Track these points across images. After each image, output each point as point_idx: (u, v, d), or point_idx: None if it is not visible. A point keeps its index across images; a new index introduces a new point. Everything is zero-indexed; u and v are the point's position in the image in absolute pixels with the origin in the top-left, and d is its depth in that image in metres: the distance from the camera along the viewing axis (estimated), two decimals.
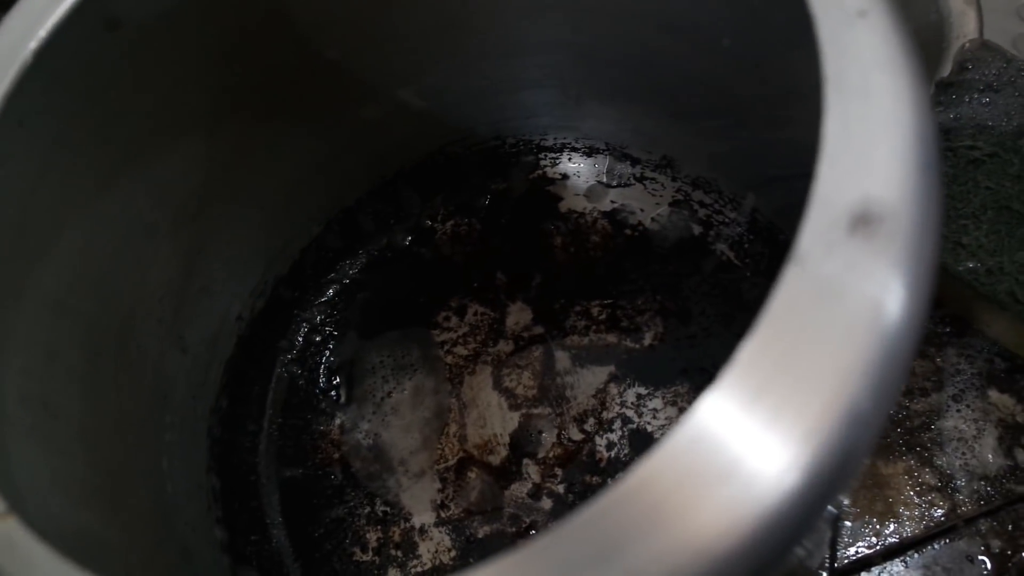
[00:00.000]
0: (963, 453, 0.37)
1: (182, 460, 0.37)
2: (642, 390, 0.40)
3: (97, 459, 0.30)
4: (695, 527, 0.18)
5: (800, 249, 0.20)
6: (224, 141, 0.36)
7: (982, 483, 0.37)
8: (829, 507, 0.20)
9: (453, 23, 0.37)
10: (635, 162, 0.43)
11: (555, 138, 0.43)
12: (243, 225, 0.39)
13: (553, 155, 0.44)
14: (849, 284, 0.19)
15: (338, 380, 0.42)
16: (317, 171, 0.41)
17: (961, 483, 0.37)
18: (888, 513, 0.37)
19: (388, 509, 0.40)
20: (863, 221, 0.19)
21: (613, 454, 0.39)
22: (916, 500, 0.37)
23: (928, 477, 0.37)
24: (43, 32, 0.27)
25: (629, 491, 0.19)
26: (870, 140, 0.20)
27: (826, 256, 0.19)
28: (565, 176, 0.44)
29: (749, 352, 0.19)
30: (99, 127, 0.31)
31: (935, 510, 0.37)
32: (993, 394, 0.38)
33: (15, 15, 0.27)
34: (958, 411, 0.38)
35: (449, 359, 0.42)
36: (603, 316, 0.41)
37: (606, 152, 0.43)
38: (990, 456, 0.37)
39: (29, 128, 0.27)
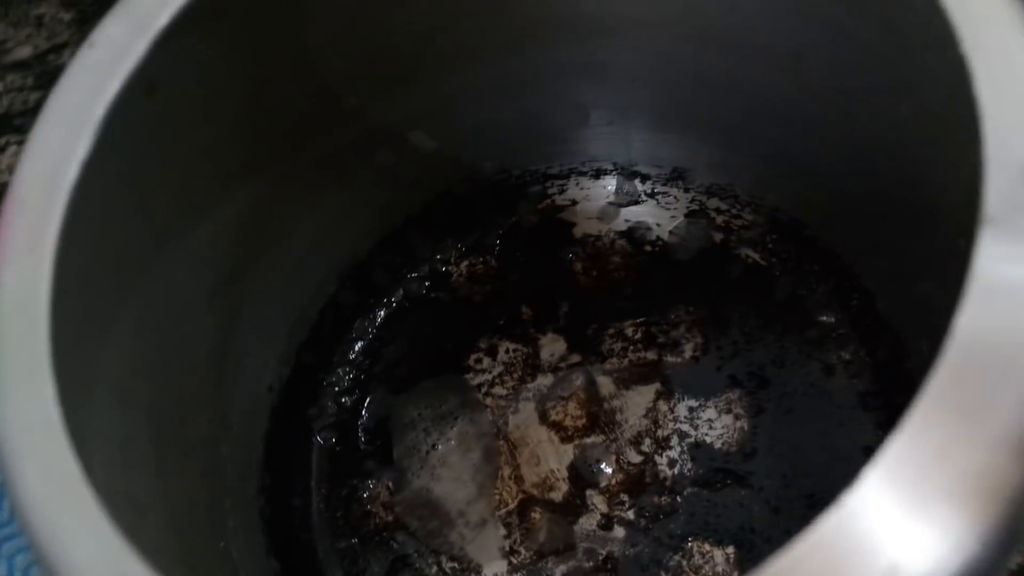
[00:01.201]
0: None
1: (246, 545, 0.34)
2: (693, 403, 0.39)
3: (184, 554, 0.28)
4: None
5: (988, 211, 0.20)
6: (249, 203, 0.34)
7: None
8: None
9: (467, 58, 0.36)
10: (644, 178, 0.43)
11: (561, 165, 0.43)
12: (266, 290, 0.37)
13: (560, 182, 0.43)
14: None
15: (377, 440, 0.40)
16: (332, 226, 0.40)
17: None
18: None
19: (456, 565, 0.38)
20: None
21: (676, 471, 0.38)
22: None
23: None
24: (101, 108, 0.25)
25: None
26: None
27: (1015, 216, 0.19)
28: (575, 201, 0.44)
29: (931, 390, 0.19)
30: (142, 199, 0.29)
31: None
32: None
33: (69, 85, 0.25)
34: None
35: (489, 401, 0.41)
36: (638, 335, 0.41)
37: (614, 172, 0.43)
38: None
39: (85, 207, 0.25)
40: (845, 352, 0.39)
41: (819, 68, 0.32)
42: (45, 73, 0.51)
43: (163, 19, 0.26)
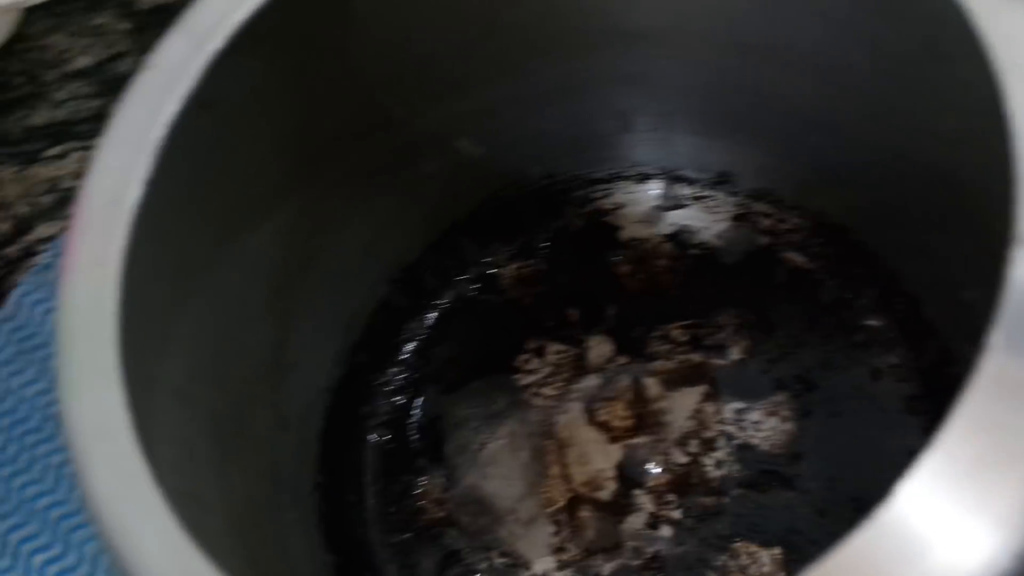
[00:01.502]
0: None
1: (302, 540, 0.36)
2: (739, 405, 0.40)
3: (243, 549, 0.30)
4: None
5: (1023, 230, 0.20)
6: (301, 211, 0.36)
7: None
8: None
9: (513, 67, 0.37)
10: (690, 183, 0.43)
11: (607, 170, 0.44)
12: (320, 294, 0.39)
13: (605, 186, 0.44)
14: None
15: (429, 438, 0.42)
16: (382, 231, 0.41)
17: None
18: None
19: (506, 560, 0.39)
20: None
21: (723, 472, 0.39)
22: None
23: None
24: (161, 128, 0.26)
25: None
26: None
27: None
28: (620, 205, 0.44)
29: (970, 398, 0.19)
30: (200, 209, 0.30)
31: None
32: None
33: (130, 107, 0.27)
34: None
35: (537, 401, 0.42)
36: (685, 337, 0.42)
37: (659, 177, 0.43)
38: None
39: (148, 220, 0.27)
40: (892, 356, 0.39)
41: (861, 80, 0.32)
42: (105, 81, 0.53)
43: (218, 41, 0.28)
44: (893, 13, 0.27)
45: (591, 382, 0.42)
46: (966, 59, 0.24)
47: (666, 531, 0.39)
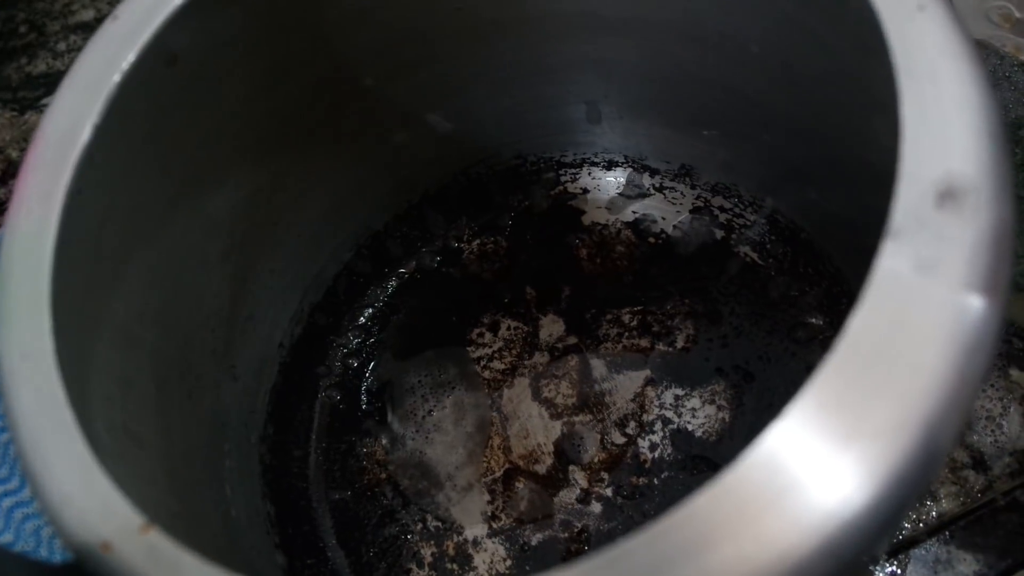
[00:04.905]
0: (992, 431, 0.39)
1: (241, 486, 0.37)
2: (679, 391, 0.41)
3: (175, 486, 0.31)
4: (756, 545, 0.19)
5: (894, 225, 0.21)
6: (267, 171, 0.37)
7: (1011, 458, 0.39)
8: None
9: (483, 46, 0.38)
10: (654, 173, 0.44)
11: (575, 154, 0.45)
12: (282, 253, 0.40)
13: (573, 171, 0.45)
14: (941, 259, 0.20)
15: (378, 401, 0.43)
16: (348, 198, 0.42)
17: (993, 459, 0.39)
18: (926, 493, 0.39)
19: (440, 524, 0.40)
20: (949, 195, 0.21)
21: (656, 455, 0.40)
22: (952, 478, 0.39)
23: (961, 455, 0.39)
24: (117, 75, 0.28)
25: (693, 510, 0.20)
26: (945, 120, 0.22)
27: (918, 231, 0.21)
28: (586, 190, 0.45)
29: (839, 354, 0.20)
30: (160, 160, 0.31)
31: (971, 486, 0.38)
32: (1014, 372, 0.40)
33: (90, 54, 0.28)
34: (983, 391, 0.40)
35: (486, 374, 0.43)
36: (634, 323, 0.43)
37: (625, 165, 0.44)
38: (1018, 431, 0.39)
39: (100, 164, 0.28)
40: None
41: (807, 79, 0.33)
42: None
43: None
44: (832, 11, 0.28)
45: (540, 359, 0.43)
46: (888, 58, 0.25)
47: (596, 507, 0.40)
